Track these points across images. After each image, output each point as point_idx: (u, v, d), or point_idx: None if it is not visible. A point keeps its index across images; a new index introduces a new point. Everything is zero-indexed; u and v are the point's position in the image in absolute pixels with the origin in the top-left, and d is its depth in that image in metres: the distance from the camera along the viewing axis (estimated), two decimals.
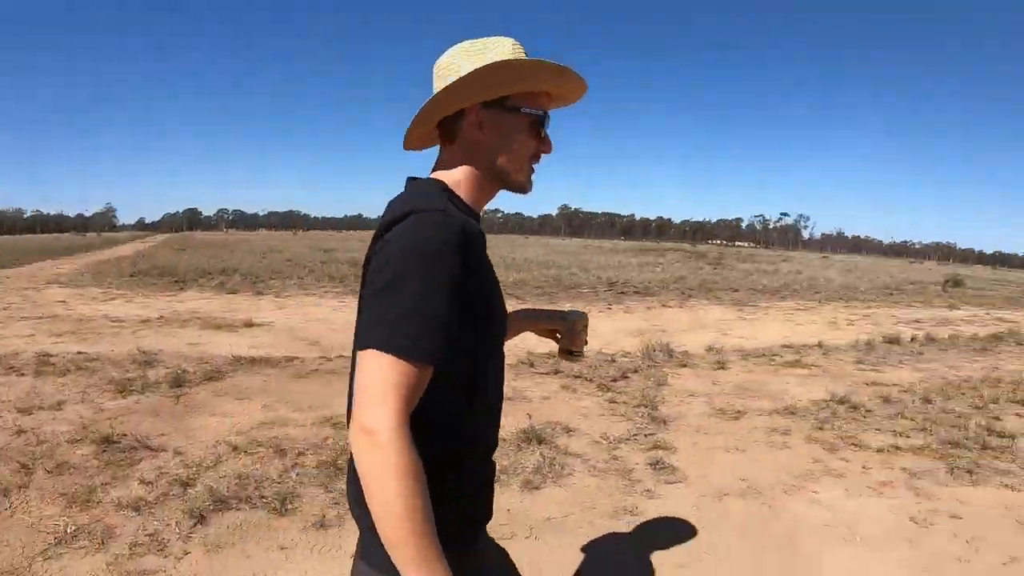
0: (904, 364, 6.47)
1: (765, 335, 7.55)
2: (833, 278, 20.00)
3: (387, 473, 0.51)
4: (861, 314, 10.92)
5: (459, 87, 0.65)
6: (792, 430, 3.85)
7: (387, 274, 0.59)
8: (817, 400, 4.60)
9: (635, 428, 3.55)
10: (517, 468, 2.83)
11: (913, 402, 4.77)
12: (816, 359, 6.39)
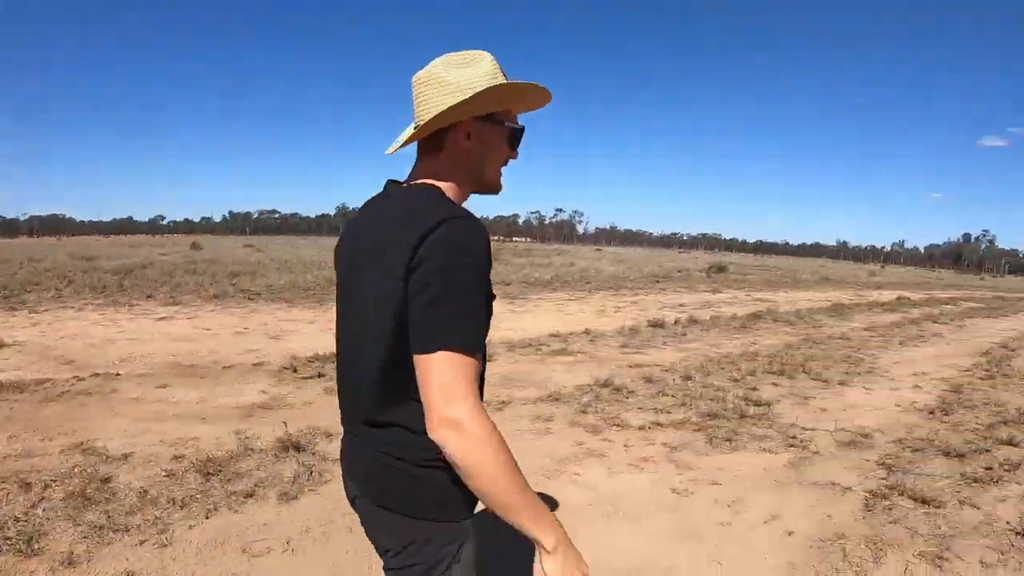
0: (667, 345, 9.92)
1: (534, 326, 11.08)
2: (604, 269, 29.66)
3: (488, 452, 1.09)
4: (629, 301, 16.52)
5: (467, 105, 1.19)
6: (556, 416, 5.70)
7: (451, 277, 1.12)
8: (581, 385, 6.94)
9: None
10: (274, 479, 3.95)
11: (674, 380, 7.34)
12: (583, 346, 9.40)
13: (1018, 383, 8.78)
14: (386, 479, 1.32)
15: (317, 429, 4.93)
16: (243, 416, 5.28)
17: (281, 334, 9.24)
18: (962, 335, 13.82)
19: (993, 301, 26.90)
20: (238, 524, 3.47)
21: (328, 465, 4.22)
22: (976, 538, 3.96)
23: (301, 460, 4.25)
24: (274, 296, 13.28)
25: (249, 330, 9.39)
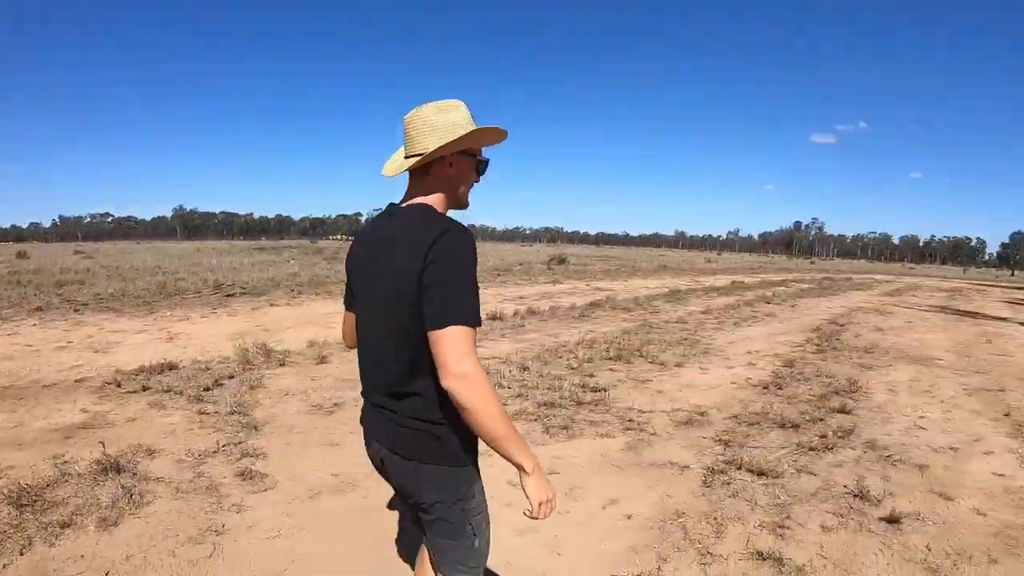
0: (505, 338, 9.99)
1: None
2: None
3: (486, 396, 1.57)
4: None
5: (459, 142, 1.73)
6: None
7: (455, 273, 1.61)
8: None
9: (225, 438, 4.83)
10: (92, 505, 3.71)
11: (511, 371, 7.34)
12: None
13: (847, 355, 9.60)
14: (412, 437, 1.83)
15: (140, 447, 4.66)
16: (62, 439, 4.88)
17: (107, 347, 8.43)
18: (794, 314, 14.98)
19: (823, 282, 29.75)
20: (55, 558, 3.20)
21: (151, 485, 4.01)
22: (815, 504, 4.19)
23: (121, 482, 3.99)
24: (102, 306, 12.21)
25: (73, 344, 8.53)
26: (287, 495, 3.93)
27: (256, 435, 5.00)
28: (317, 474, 4.26)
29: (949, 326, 14.15)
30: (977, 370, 8.95)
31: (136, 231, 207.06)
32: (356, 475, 4.23)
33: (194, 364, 7.24)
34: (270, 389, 6.40)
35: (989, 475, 4.83)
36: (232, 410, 5.54)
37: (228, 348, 8.16)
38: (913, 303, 19.97)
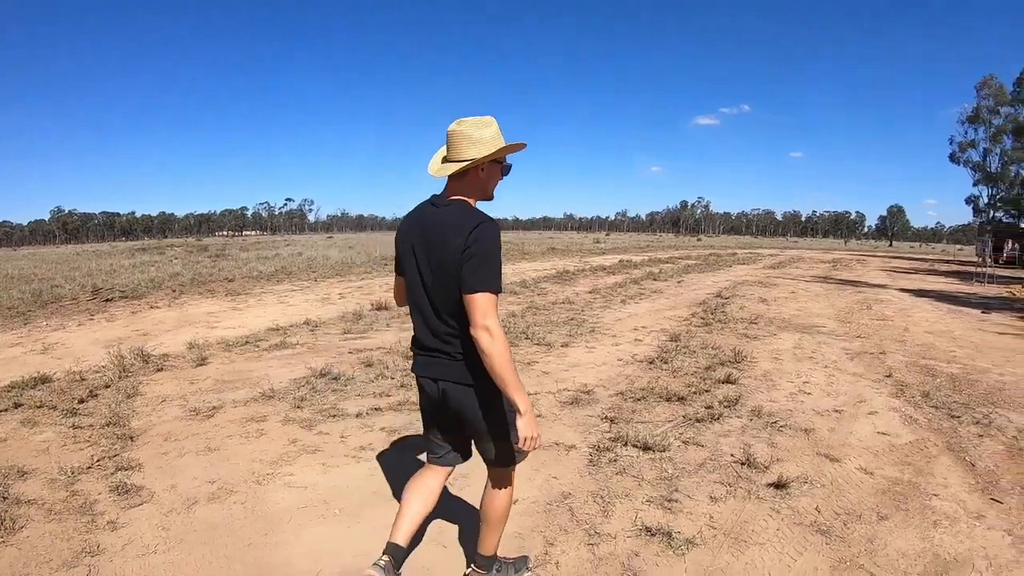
0: (391, 327, 9.73)
1: (255, 322, 10.58)
2: (332, 256, 29.21)
3: (502, 346, 2.38)
4: (355, 286, 16.14)
5: (493, 154, 2.52)
6: (269, 415, 5.41)
7: (487, 253, 2.41)
8: (298, 379, 6.54)
9: (100, 452, 4.60)
10: None
11: (394, 361, 7.14)
12: (303, 338, 8.96)
13: (732, 326, 9.85)
14: (460, 370, 2.51)
15: (11, 469, 4.30)
16: None
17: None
18: (680, 290, 15.37)
19: (709, 258, 30.93)
20: None
21: (23, 509, 3.71)
22: (703, 475, 4.16)
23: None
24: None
25: None
26: (163, 508, 3.77)
27: (132, 446, 4.77)
28: (194, 483, 4.10)
29: (831, 295, 14.90)
30: (858, 335, 9.41)
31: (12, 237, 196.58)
32: (234, 480, 4.10)
33: (69, 375, 6.82)
34: (147, 396, 6.13)
35: (874, 434, 5.00)
36: (107, 422, 5.26)
37: (105, 356, 7.72)
38: (796, 275, 20.96)
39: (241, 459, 4.45)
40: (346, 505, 3.76)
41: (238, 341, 8.75)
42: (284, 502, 3.79)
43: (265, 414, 5.47)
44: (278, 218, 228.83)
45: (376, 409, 5.56)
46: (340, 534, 3.46)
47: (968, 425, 5.25)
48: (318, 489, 3.97)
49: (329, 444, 4.77)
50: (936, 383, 6.60)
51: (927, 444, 4.82)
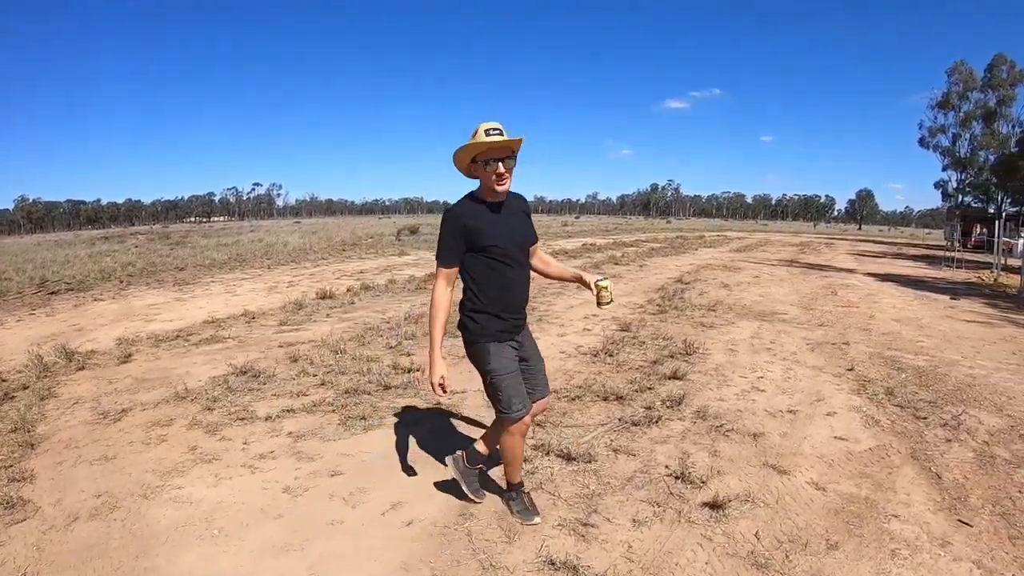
0: (331, 317, 9.30)
1: (194, 313, 10.28)
2: (291, 241, 28.88)
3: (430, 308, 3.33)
4: (307, 274, 15.72)
5: (459, 161, 3.26)
6: (176, 419, 5.13)
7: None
8: (217, 377, 6.19)
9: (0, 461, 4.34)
10: None
11: (321, 356, 6.71)
12: (237, 331, 8.59)
13: (689, 314, 9.44)
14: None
15: None
16: None
17: None
18: (640, 274, 14.96)
19: (675, 240, 30.40)
20: None
21: None
22: (629, 491, 3.74)
23: None
24: None
25: None
26: (43, 524, 3.55)
27: (31, 455, 4.53)
28: (81, 496, 3.87)
29: (796, 279, 14.56)
30: (821, 323, 9.02)
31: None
32: (121, 494, 3.87)
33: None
34: (62, 398, 5.86)
35: (830, 439, 4.58)
36: (14, 427, 5.03)
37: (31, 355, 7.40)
38: (762, 258, 20.63)
39: (135, 469, 4.21)
40: (228, 524, 3.46)
41: (169, 336, 8.43)
42: (165, 519, 3.53)
43: (173, 417, 5.17)
44: (246, 203, 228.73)
45: (288, 411, 5.20)
46: (215, 558, 3.17)
47: (935, 428, 4.83)
48: (203, 505, 3.68)
49: (229, 452, 4.45)
50: (901, 378, 6.18)
51: (889, 451, 4.39)
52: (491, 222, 3.16)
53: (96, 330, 9.21)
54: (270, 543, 3.26)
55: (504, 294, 3.21)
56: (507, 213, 3.20)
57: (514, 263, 3.21)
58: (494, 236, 3.15)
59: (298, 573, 3.01)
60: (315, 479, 3.98)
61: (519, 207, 3.29)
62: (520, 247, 3.25)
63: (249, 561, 3.11)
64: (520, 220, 3.27)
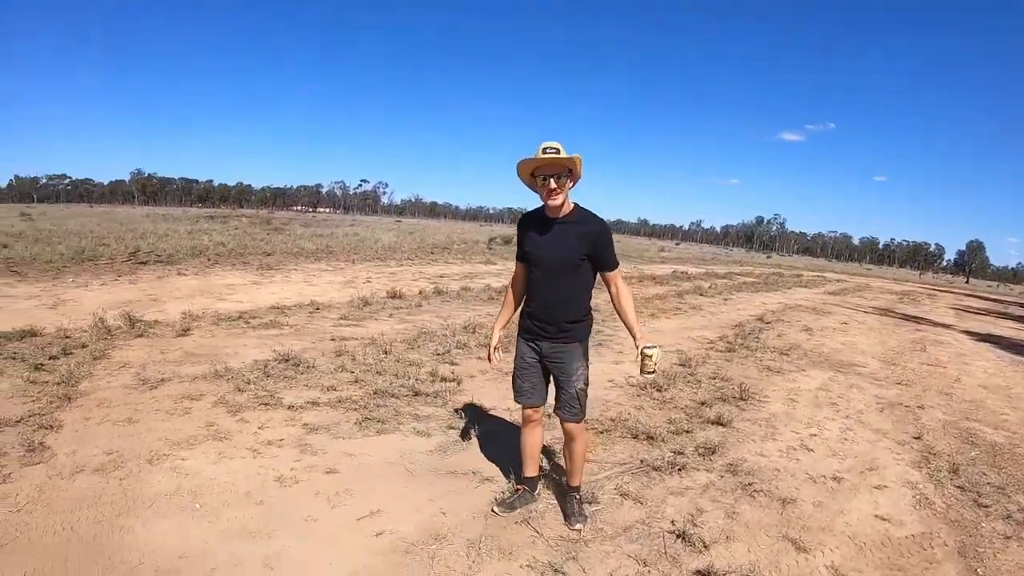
0: (392, 317, 9.36)
1: (265, 298, 10.66)
2: (383, 239, 29.52)
3: None
4: (388, 272, 15.94)
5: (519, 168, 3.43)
6: (206, 395, 5.31)
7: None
8: (259, 361, 6.32)
9: (36, 408, 4.71)
10: None
11: (367, 354, 6.73)
12: (298, 319, 8.78)
13: (759, 356, 8.95)
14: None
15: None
16: None
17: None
18: (723, 308, 14.39)
19: (771, 277, 29.03)
20: None
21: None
22: (620, 544, 3.43)
23: None
24: (9, 270, 11.84)
25: None
26: (52, 470, 3.81)
27: (66, 407, 4.82)
28: (93, 452, 4.10)
29: (886, 330, 13.57)
30: (900, 381, 8.25)
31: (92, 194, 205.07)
32: (129, 456, 4.07)
33: (58, 332, 7.01)
34: (112, 360, 6.16)
35: (870, 518, 4.01)
36: (60, 380, 5.32)
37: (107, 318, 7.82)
38: (856, 304, 19.47)
39: (150, 435, 4.40)
40: (211, 502, 3.57)
41: (231, 316, 8.69)
42: (158, 486, 3.69)
43: (203, 393, 5.34)
44: (352, 198, 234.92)
45: (313, 403, 5.25)
46: (187, 530, 3.27)
47: (995, 520, 4.12)
48: (197, 479, 3.81)
49: (241, 433, 4.56)
50: (971, 455, 5.43)
51: (934, 542, 3.77)
52: (537, 234, 3.39)
53: (169, 302, 9.57)
54: (241, 526, 3.32)
55: (532, 301, 3.47)
56: (560, 231, 3.31)
57: (545, 276, 3.38)
58: (532, 248, 3.40)
59: (254, 561, 3.03)
60: (309, 473, 4.00)
61: (584, 229, 3.30)
62: (556, 264, 3.34)
63: (215, 540, 3.18)
64: (571, 241, 3.29)
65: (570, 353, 3.43)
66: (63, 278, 11.30)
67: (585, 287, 3.42)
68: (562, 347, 3.43)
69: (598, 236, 3.31)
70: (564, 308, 3.38)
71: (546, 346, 3.45)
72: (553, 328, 3.40)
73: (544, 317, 3.41)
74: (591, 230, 3.30)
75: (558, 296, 3.37)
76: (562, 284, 3.36)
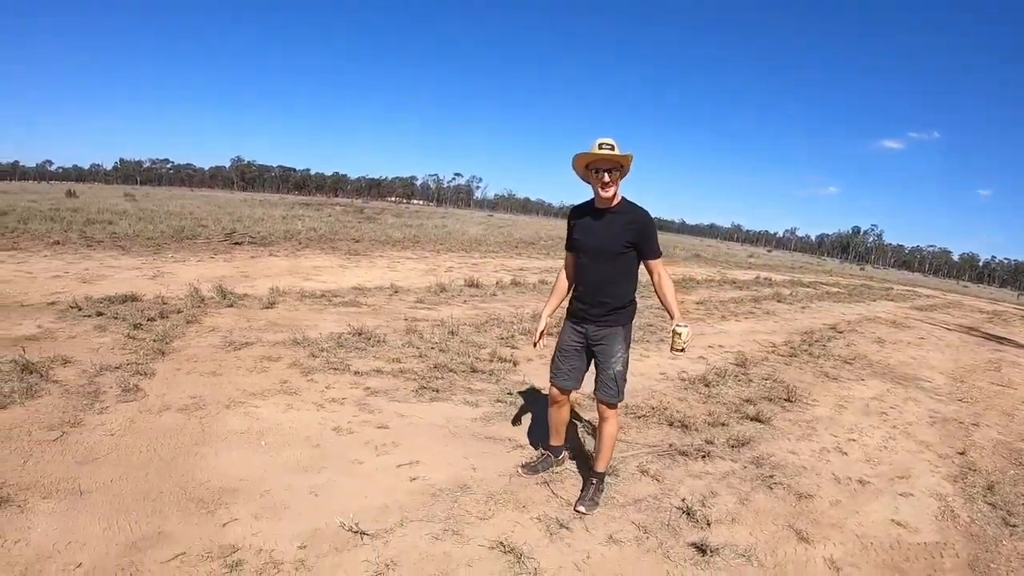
0: (466, 303, 9.81)
1: (349, 280, 11.31)
2: (470, 232, 30.05)
3: None
4: (471, 263, 16.40)
5: (575, 161, 3.67)
6: (283, 357, 5.90)
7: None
8: (335, 333, 6.87)
9: (133, 359, 5.37)
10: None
11: (434, 334, 7.19)
12: (376, 300, 9.34)
13: (820, 362, 8.95)
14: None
15: (60, 357, 5.17)
16: (10, 344, 5.46)
17: (95, 279, 9.04)
18: (798, 315, 14.22)
19: (858, 288, 27.95)
20: None
21: (47, 385, 4.59)
22: (626, 511, 3.71)
23: (27, 380, 4.57)
24: (115, 244, 12.90)
25: (68, 274, 9.25)
26: (143, 407, 4.40)
27: (160, 360, 5.47)
28: (180, 395, 4.69)
29: (964, 348, 13.08)
30: (962, 398, 8.05)
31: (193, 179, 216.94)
32: (210, 401, 4.65)
33: (156, 299, 7.76)
34: (203, 324, 6.82)
35: (885, 521, 4.04)
36: (156, 338, 5.98)
37: (202, 289, 8.61)
38: (940, 320, 18.71)
39: (230, 386, 4.98)
40: (274, 441, 4.09)
41: (315, 294, 9.33)
42: (232, 425, 4.24)
43: (281, 356, 5.93)
44: (446, 191, 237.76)
45: (377, 371, 5.74)
46: (250, 461, 3.78)
47: (1020, 540, 4.03)
48: (265, 423, 4.35)
49: (310, 390, 5.10)
50: (1014, 474, 5.26)
51: (945, 552, 3.75)
52: (586, 223, 3.66)
53: (259, 279, 10.30)
54: (296, 462, 3.83)
55: (579, 284, 3.75)
56: (607, 220, 3.57)
57: (591, 261, 3.64)
58: (582, 235, 3.67)
59: (302, 488, 3.50)
60: (363, 427, 4.47)
61: (629, 219, 3.55)
62: (602, 250, 3.59)
63: (273, 470, 3.69)
64: (616, 229, 3.55)
65: (612, 336, 3.64)
66: (163, 254, 12.27)
67: (628, 274, 3.64)
68: (605, 330, 3.65)
69: (643, 226, 3.54)
70: (609, 292, 3.61)
71: (591, 329, 3.68)
72: (597, 310, 3.64)
73: (589, 300, 3.66)
74: (636, 219, 3.54)
75: (603, 280, 3.62)
76: (607, 270, 3.59)
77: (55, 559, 2.66)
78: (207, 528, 3.01)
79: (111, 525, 2.95)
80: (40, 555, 2.68)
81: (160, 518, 3.06)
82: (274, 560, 2.81)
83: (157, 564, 2.70)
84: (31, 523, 2.91)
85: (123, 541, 2.84)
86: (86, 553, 2.72)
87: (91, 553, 2.72)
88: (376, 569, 2.82)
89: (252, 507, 3.26)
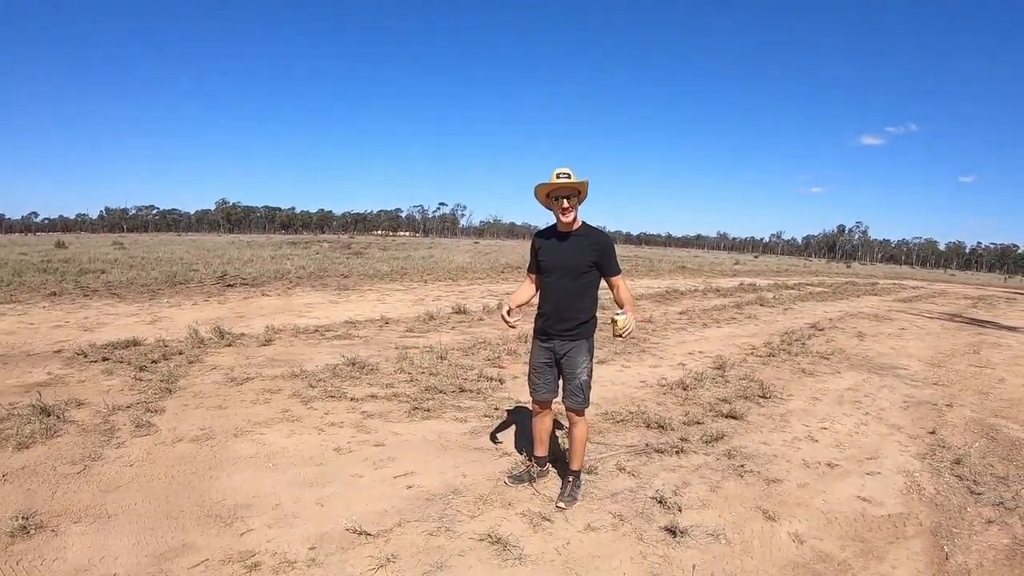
0: (454, 330, 10.15)
1: (340, 314, 11.70)
2: (456, 260, 30.59)
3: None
4: (458, 291, 16.76)
5: (536, 191, 4.00)
6: (283, 389, 6.33)
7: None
8: (331, 364, 7.25)
9: (143, 398, 5.81)
10: (15, 435, 4.71)
11: (424, 359, 7.56)
12: (368, 332, 9.71)
13: (798, 360, 9.27)
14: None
15: (74, 400, 5.64)
16: (23, 392, 5.88)
17: (95, 327, 9.50)
18: (781, 317, 14.63)
19: (843, 287, 28.29)
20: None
21: (65, 426, 5.00)
22: (603, 503, 4.08)
23: (45, 422, 4.96)
24: (110, 292, 13.37)
25: (69, 323, 9.72)
26: (157, 439, 4.83)
27: (168, 397, 5.90)
28: (190, 428, 5.12)
29: (945, 335, 13.43)
30: (937, 382, 8.34)
31: (180, 224, 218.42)
32: (219, 431, 5.09)
33: (157, 342, 8.23)
34: (205, 363, 7.28)
35: (850, 498, 4.33)
36: (162, 378, 6.39)
37: (200, 330, 9.05)
38: (924, 310, 19.11)
39: (236, 417, 5.42)
40: (281, 462, 4.52)
41: (309, 329, 9.71)
42: (241, 451, 4.68)
43: (282, 388, 6.35)
44: (431, 221, 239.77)
45: (372, 396, 6.15)
46: (260, 480, 4.21)
47: (984, 506, 4.27)
48: (271, 448, 4.78)
49: (310, 417, 5.53)
50: (984, 447, 5.59)
51: (909, 521, 4.02)
52: (551, 245, 4.00)
53: (254, 318, 10.71)
54: (303, 479, 4.23)
55: (546, 303, 4.05)
56: (571, 242, 3.92)
57: (558, 280, 3.98)
58: (547, 257, 4.00)
59: (309, 500, 3.92)
60: (361, 446, 4.90)
61: (591, 241, 3.91)
62: (567, 269, 3.93)
63: (281, 487, 4.10)
64: (579, 251, 3.90)
65: (577, 348, 3.97)
66: (158, 299, 12.69)
67: (590, 291, 3.97)
68: (571, 344, 3.97)
69: (604, 248, 3.90)
70: (573, 307, 3.93)
71: (558, 343, 4.00)
72: (562, 325, 3.96)
73: (556, 316, 3.97)
74: (598, 241, 3.90)
75: (569, 296, 3.93)
76: (572, 287, 3.92)
77: (91, 571, 3.02)
78: (226, 538, 3.37)
79: (139, 540, 3.30)
80: (77, 568, 3.03)
81: (183, 532, 3.42)
82: (288, 560, 3.18)
83: (184, 570, 3.05)
84: (65, 544, 3.25)
85: (152, 552, 3.20)
86: (119, 564, 3.07)
87: (124, 564, 3.08)
88: (379, 563, 3.19)
89: (265, 518, 3.64)
